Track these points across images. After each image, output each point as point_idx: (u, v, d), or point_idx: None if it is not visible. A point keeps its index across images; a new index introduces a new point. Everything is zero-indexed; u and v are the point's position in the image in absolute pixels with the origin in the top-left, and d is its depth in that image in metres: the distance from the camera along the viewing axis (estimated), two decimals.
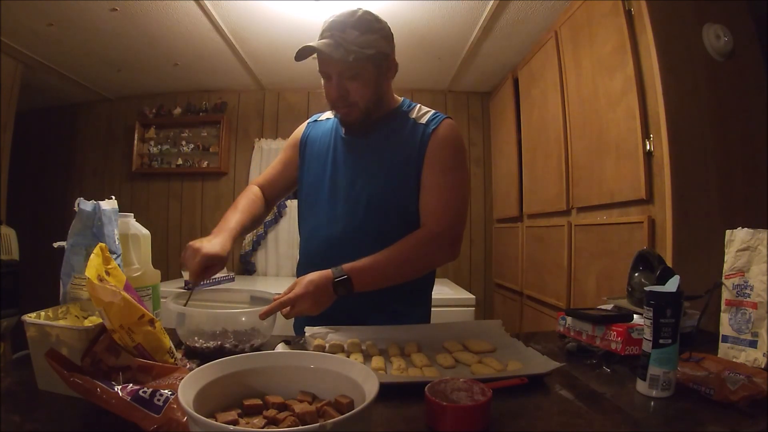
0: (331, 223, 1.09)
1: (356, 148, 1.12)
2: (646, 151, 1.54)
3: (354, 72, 1.01)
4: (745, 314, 0.83)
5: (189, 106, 3.42)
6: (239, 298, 1.09)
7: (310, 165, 1.17)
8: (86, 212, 0.83)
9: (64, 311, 0.77)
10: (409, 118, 1.11)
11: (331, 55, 0.96)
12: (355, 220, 1.07)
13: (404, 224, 1.05)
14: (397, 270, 1.00)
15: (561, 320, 1.04)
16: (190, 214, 3.43)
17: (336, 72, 1.01)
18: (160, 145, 3.43)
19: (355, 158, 1.11)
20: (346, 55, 0.96)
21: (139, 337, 0.63)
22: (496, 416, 0.62)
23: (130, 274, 0.90)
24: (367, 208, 1.06)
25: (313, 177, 1.15)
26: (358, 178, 1.09)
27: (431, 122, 1.08)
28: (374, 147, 1.10)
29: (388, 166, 1.07)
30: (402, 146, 1.07)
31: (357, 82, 1.02)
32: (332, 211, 1.10)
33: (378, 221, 1.06)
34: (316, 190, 1.14)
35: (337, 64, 0.99)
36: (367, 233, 1.05)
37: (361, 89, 1.03)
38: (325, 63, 1.02)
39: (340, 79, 1.01)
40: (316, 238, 1.12)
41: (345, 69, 1.00)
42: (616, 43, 1.69)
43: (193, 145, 3.40)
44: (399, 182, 1.06)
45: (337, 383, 0.57)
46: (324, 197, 1.12)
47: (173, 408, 0.53)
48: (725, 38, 1.58)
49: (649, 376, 0.71)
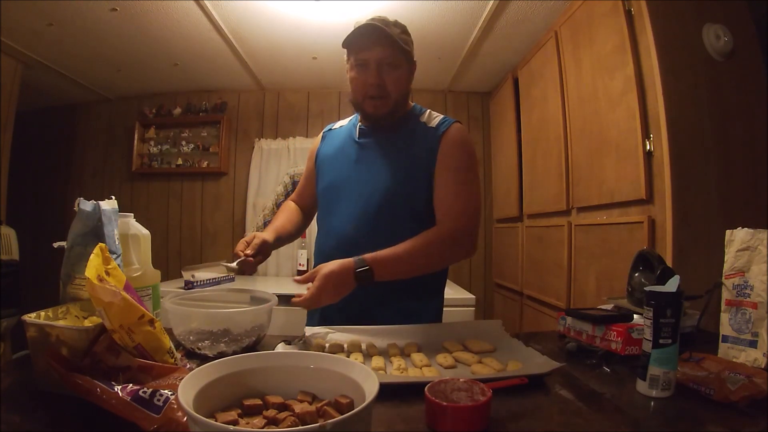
0: (345, 223, 1.12)
1: (370, 150, 1.16)
2: (646, 151, 1.54)
3: (395, 62, 1.07)
4: (745, 314, 0.83)
5: (189, 106, 3.42)
6: (239, 298, 1.09)
7: (327, 170, 1.22)
8: (86, 212, 0.83)
9: (64, 311, 0.77)
10: (420, 121, 1.15)
11: (386, 34, 1.02)
12: (367, 220, 1.09)
13: (415, 224, 1.07)
14: (416, 263, 1.02)
15: (561, 320, 1.04)
16: (190, 214, 3.42)
17: (376, 59, 1.05)
18: (160, 145, 3.43)
19: (368, 160, 1.15)
20: (395, 41, 1.03)
21: (139, 337, 0.63)
22: (496, 416, 0.62)
23: (130, 274, 0.90)
24: (380, 208, 1.09)
25: (330, 180, 1.19)
26: (371, 178, 1.12)
27: (441, 125, 1.12)
28: (387, 149, 1.14)
29: (400, 167, 1.11)
30: (414, 148, 1.11)
31: (395, 73, 1.07)
32: (347, 212, 1.13)
33: (390, 221, 1.09)
34: (333, 192, 1.18)
35: (383, 50, 1.05)
36: (379, 233, 1.08)
37: (397, 81, 1.08)
38: (368, 48, 1.05)
39: (379, 67, 1.06)
40: (331, 236, 1.16)
41: (387, 56, 1.05)
42: (616, 43, 1.69)
43: (193, 145, 3.40)
44: (411, 183, 1.09)
45: (337, 383, 0.57)
46: (340, 198, 1.15)
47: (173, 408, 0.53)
48: (725, 38, 1.58)
49: (649, 376, 0.71)
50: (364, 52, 1.06)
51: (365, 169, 1.14)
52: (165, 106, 3.44)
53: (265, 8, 2.18)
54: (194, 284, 2.56)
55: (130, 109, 3.49)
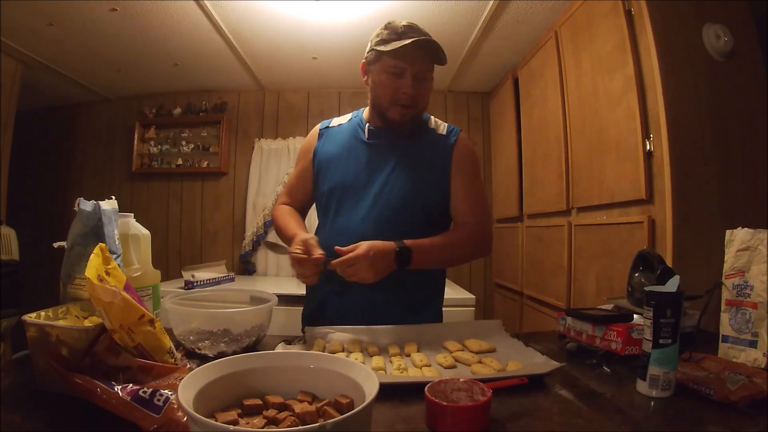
0: (361, 224, 1.11)
1: (381, 152, 1.16)
2: (646, 151, 1.54)
3: (429, 75, 1.10)
4: (745, 314, 0.83)
5: (189, 106, 3.42)
6: (239, 298, 1.09)
7: (332, 169, 1.18)
8: (86, 212, 0.83)
9: (64, 311, 0.77)
10: (429, 128, 1.20)
11: (440, 54, 1.06)
12: (385, 220, 1.10)
13: (429, 225, 1.12)
14: (448, 256, 1.10)
15: (561, 320, 1.04)
16: (190, 214, 3.42)
17: (415, 70, 1.07)
18: (160, 145, 3.43)
19: (381, 162, 1.15)
20: (441, 60, 1.07)
21: (139, 337, 0.63)
22: (496, 416, 0.62)
23: (130, 274, 0.90)
24: (397, 208, 1.11)
25: (338, 180, 1.17)
26: (387, 181, 1.13)
27: (451, 134, 1.19)
28: (401, 152, 1.16)
29: (416, 169, 1.14)
30: (427, 154, 1.16)
31: (426, 85, 1.11)
32: (361, 213, 1.12)
33: (406, 221, 1.11)
34: (342, 192, 1.16)
35: (425, 64, 1.07)
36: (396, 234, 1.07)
37: (426, 93, 1.12)
38: (415, 58, 1.06)
39: (416, 78, 1.08)
40: (344, 238, 1.11)
41: (426, 69, 1.09)
42: (616, 43, 1.69)
43: (193, 145, 3.40)
44: (427, 185, 1.13)
45: (337, 383, 0.57)
46: (351, 199, 1.14)
47: (173, 408, 0.53)
48: (725, 38, 1.58)
49: (649, 376, 0.71)
50: (407, 59, 1.05)
51: (378, 170, 1.14)
52: (165, 106, 3.44)
53: (265, 8, 2.18)
54: (194, 284, 2.56)
55: (130, 109, 3.49)
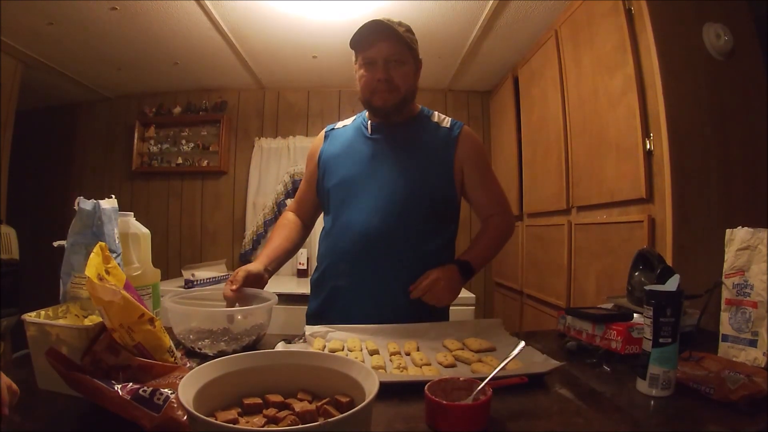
0: (369, 216, 1.11)
1: (384, 145, 1.17)
2: (646, 151, 1.54)
3: (401, 58, 1.11)
4: (745, 313, 0.83)
5: (189, 105, 3.42)
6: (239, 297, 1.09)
7: (337, 166, 1.19)
8: (86, 211, 0.83)
9: (64, 310, 0.77)
10: (431, 121, 1.22)
11: (391, 29, 1.06)
12: (393, 213, 1.11)
13: (434, 217, 1.14)
14: (492, 253, 1.22)
15: (561, 319, 1.04)
16: (190, 213, 3.42)
17: (384, 56, 1.09)
18: (160, 144, 3.43)
19: (385, 155, 1.16)
20: (401, 36, 1.08)
21: (139, 336, 0.63)
22: (496, 415, 0.62)
23: (130, 273, 0.90)
24: (405, 201, 1.11)
25: (343, 175, 1.17)
26: (392, 172, 1.14)
27: (454, 127, 1.20)
28: (404, 145, 1.17)
29: (420, 162, 1.15)
30: (431, 145, 1.17)
31: (402, 69, 1.12)
32: (368, 205, 1.12)
33: (414, 213, 1.12)
34: (348, 186, 1.16)
35: (389, 45, 1.09)
36: (404, 224, 1.10)
37: (404, 76, 1.13)
38: (375, 44, 1.09)
39: (387, 63, 1.10)
40: (351, 232, 1.13)
41: (394, 52, 1.10)
42: (616, 43, 1.69)
43: (193, 144, 3.40)
44: (432, 177, 1.14)
45: (337, 382, 0.57)
46: (357, 192, 1.14)
47: (173, 407, 0.53)
48: (725, 38, 1.58)
49: (649, 375, 0.71)
50: (371, 48, 1.09)
51: (383, 163, 1.15)
52: (165, 105, 3.43)
53: (265, 7, 2.18)
54: (194, 283, 2.56)
55: (130, 108, 3.49)
